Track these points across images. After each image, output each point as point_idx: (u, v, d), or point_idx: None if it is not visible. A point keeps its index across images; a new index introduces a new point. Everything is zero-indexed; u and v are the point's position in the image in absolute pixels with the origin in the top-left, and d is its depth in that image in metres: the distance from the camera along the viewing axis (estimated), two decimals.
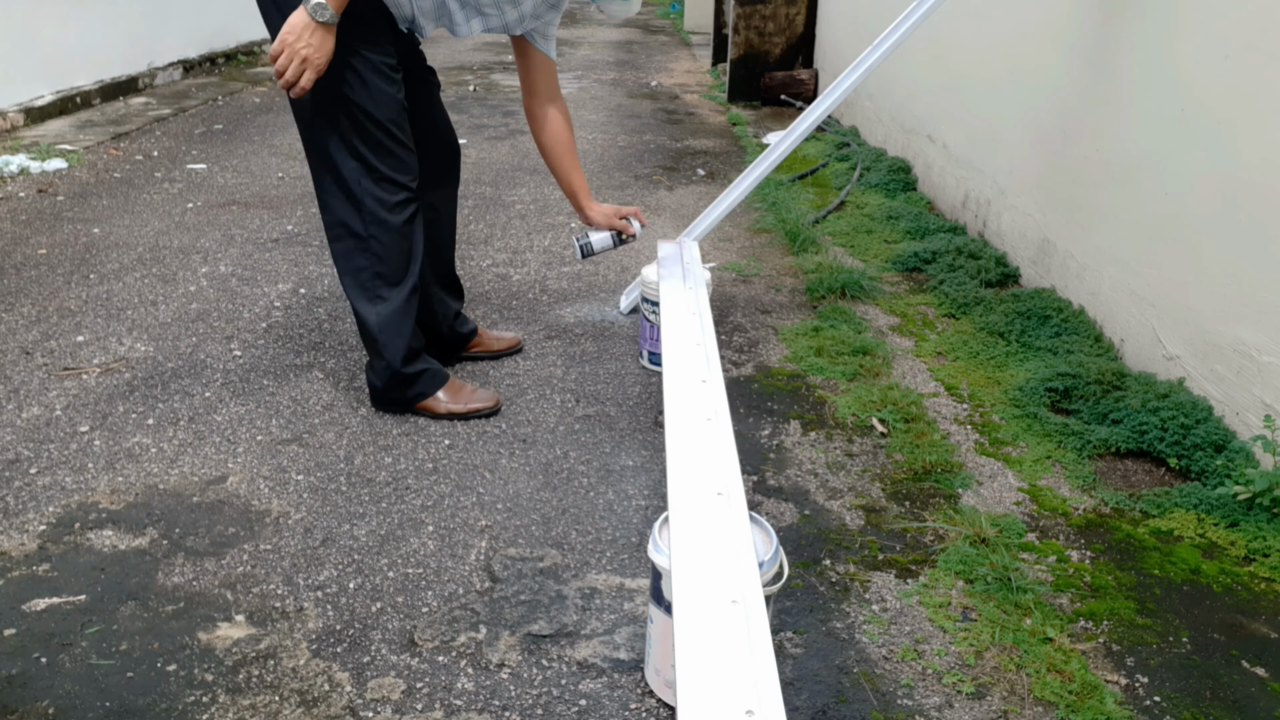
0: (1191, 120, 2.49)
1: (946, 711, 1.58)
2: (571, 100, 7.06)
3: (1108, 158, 2.91)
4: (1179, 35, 2.57)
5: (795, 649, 1.71)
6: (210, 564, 1.90)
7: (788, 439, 2.44)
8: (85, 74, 6.31)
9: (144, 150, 5.27)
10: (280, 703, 1.56)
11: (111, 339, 2.90)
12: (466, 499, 2.14)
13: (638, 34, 11.81)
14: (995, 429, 2.50)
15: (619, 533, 2.04)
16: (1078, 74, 3.10)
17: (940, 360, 2.92)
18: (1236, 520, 2.06)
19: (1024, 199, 3.48)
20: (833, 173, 5.04)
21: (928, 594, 1.86)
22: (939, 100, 4.47)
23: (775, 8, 7.01)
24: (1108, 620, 1.80)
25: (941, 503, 2.17)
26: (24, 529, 1.99)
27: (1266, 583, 1.91)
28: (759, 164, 3.12)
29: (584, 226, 2.81)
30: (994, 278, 3.42)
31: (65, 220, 4.01)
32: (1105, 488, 2.24)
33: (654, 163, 5.28)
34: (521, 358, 2.86)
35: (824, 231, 4.09)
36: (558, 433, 2.45)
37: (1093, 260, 2.97)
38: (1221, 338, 2.35)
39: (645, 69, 8.84)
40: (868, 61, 3.04)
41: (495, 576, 1.89)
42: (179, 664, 1.64)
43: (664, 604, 1.47)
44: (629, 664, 1.66)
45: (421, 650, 1.68)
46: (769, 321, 3.18)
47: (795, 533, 2.05)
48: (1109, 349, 2.82)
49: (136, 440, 2.34)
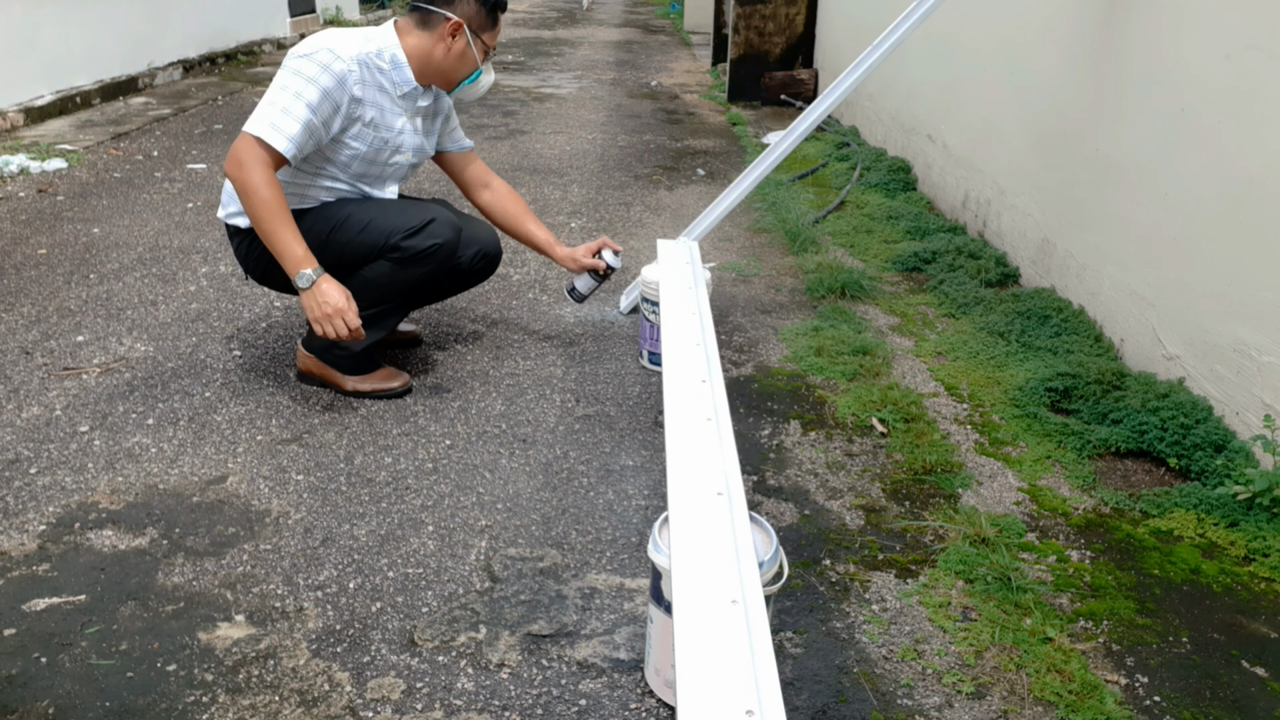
0: (1191, 120, 2.49)
1: (946, 711, 1.58)
2: (571, 100, 7.07)
3: (1108, 158, 2.90)
4: (1179, 35, 2.57)
5: (795, 649, 1.71)
6: (210, 564, 1.90)
7: (788, 439, 2.44)
8: (85, 74, 6.31)
9: (144, 150, 5.27)
10: (280, 703, 1.56)
11: (111, 339, 2.90)
12: (466, 499, 2.14)
13: (638, 34, 11.81)
14: (995, 429, 2.50)
15: (619, 533, 2.04)
16: (1078, 74, 3.10)
17: (940, 360, 2.92)
18: (1236, 520, 2.06)
19: (1024, 199, 3.48)
20: (833, 173, 5.04)
21: (928, 594, 1.86)
22: (939, 100, 4.47)
23: (775, 8, 7.01)
24: (1108, 620, 1.80)
25: (941, 503, 2.17)
26: (24, 529, 1.99)
27: (1266, 583, 1.91)
28: (759, 164, 3.12)
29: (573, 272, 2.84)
30: (994, 278, 3.42)
31: (65, 220, 4.01)
32: (1105, 488, 2.24)
33: (654, 163, 5.28)
34: (521, 357, 2.86)
35: (824, 231, 4.09)
36: (558, 433, 2.45)
37: (1093, 260, 2.97)
38: (1221, 338, 2.35)
39: (645, 69, 8.84)
40: (868, 61, 3.04)
41: (495, 576, 1.89)
42: (179, 664, 1.64)
43: (664, 604, 1.47)
44: (629, 664, 1.66)
45: (421, 650, 1.68)
46: (769, 321, 3.18)
47: (795, 533, 2.05)
48: (1109, 349, 2.82)
49: (136, 440, 2.34)
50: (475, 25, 2.43)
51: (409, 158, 2.55)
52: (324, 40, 2.33)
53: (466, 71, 2.50)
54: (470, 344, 2.95)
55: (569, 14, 14.00)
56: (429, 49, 2.42)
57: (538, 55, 9.48)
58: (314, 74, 2.27)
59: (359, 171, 2.48)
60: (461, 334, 3.02)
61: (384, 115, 2.43)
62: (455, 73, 2.49)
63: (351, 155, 2.43)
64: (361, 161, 2.46)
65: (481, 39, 2.46)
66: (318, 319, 2.24)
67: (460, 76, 2.50)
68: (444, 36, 2.40)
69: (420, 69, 2.44)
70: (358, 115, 2.38)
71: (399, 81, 2.42)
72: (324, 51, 2.30)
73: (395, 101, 2.44)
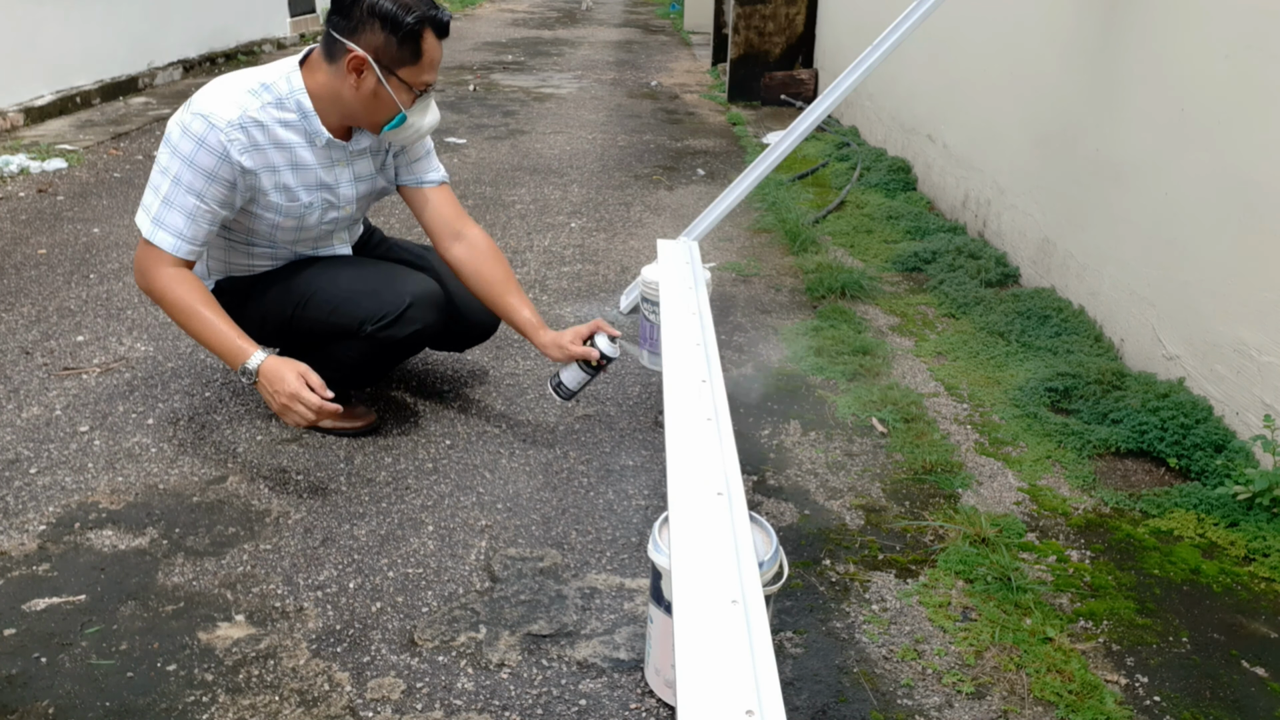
0: (1191, 120, 2.49)
1: (946, 711, 1.58)
2: (572, 100, 7.07)
3: (1108, 158, 2.90)
4: (1179, 35, 2.57)
5: (795, 649, 1.71)
6: (210, 564, 1.90)
7: (788, 439, 2.44)
8: (85, 74, 6.30)
9: (144, 150, 5.27)
10: (280, 703, 1.56)
11: (111, 339, 2.90)
12: (466, 499, 2.14)
13: (638, 34, 11.81)
14: (995, 429, 2.50)
15: (619, 532, 2.04)
16: (1078, 74, 3.10)
17: (940, 360, 2.92)
18: (1236, 520, 2.06)
19: (1024, 199, 3.48)
20: (833, 173, 5.04)
21: (928, 594, 1.86)
22: (939, 100, 4.46)
23: (775, 8, 7.01)
24: (1108, 620, 1.80)
25: (941, 502, 2.17)
26: (24, 529, 1.99)
27: (1266, 583, 1.91)
28: (759, 164, 3.12)
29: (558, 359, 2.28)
30: (994, 277, 3.42)
31: (65, 220, 4.01)
32: (1105, 488, 2.24)
33: (654, 162, 5.28)
34: (521, 357, 2.86)
35: (824, 231, 4.09)
36: (558, 433, 2.45)
37: (1093, 260, 2.97)
38: (1221, 338, 2.35)
39: (645, 69, 8.84)
40: (868, 61, 3.04)
41: (495, 576, 1.89)
42: (179, 664, 1.64)
43: (664, 604, 1.47)
44: (629, 664, 1.66)
45: (421, 650, 1.68)
46: (769, 321, 3.18)
47: (795, 533, 2.05)
48: (1109, 349, 2.82)
49: (136, 440, 2.34)
50: (386, 59, 1.96)
51: (352, 210, 2.21)
52: (205, 102, 1.96)
53: (385, 115, 2.04)
54: None
55: (569, 14, 13.99)
56: (337, 88, 2.00)
57: (538, 55, 9.48)
58: (189, 151, 1.94)
59: (291, 239, 2.18)
60: None
61: (301, 175, 2.07)
62: (374, 115, 2.04)
63: (271, 225, 2.12)
64: (287, 231, 2.14)
65: (398, 75, 1.97)
66: (277, 411, 1.98)
67: (380, 120, 2.05)
68: (347, 73, 1.97)
69: (336, 112, 2.04)
70: (254, 185, 2.03)
71: (313, 132, 2.05)
72: (197, 120, 1.94)
73: (318, 153, 2.08)
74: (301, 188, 2.09)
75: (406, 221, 4.05)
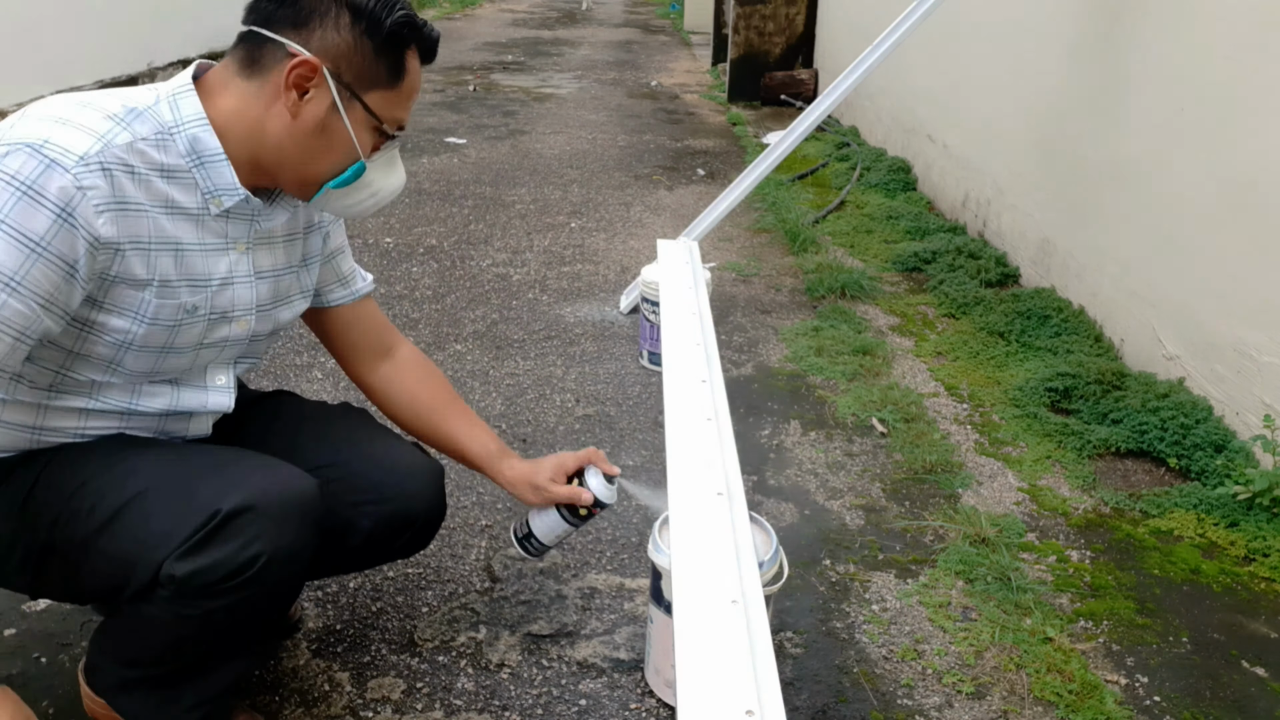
0: (1191, 120, 2.49)
1: (946, 711, 1.58)
2: (572, 100, 7.07)
3: (1108, 158, 2.90)
4: (1179, 35, 2.57)
5: (795, 649, 1.71)
6: None
7: (788, 439, 2.44)
8: (85, 74, 6.30)
9: None
10: (280, 703, 1.56)
11: None
12: (466, 499, 2.14)
13: (638, 34, 11.82)
14: (995, 429, 2.50)
15: (619, 533, 2.04)
16: (1078, 74, 3.10)
17: (940, 360, 2.92)
18: (1236, 520, 2.06)
19: (1024, 199, 3.48)
20: (833, 173, 5.04)
21: (928, 594, 1.86)
22: (939, 100, 4.47)
23: (775, 8, 7.01)
24: (1108, 620, 1.80)
25: (941, 503, 2.17)
26: None
27: (1266, 583, 1.91)
28: (759, 164, 3.12)
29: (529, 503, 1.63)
30: (994, 278, 3.42)
31: None
32: (1105, 488, 2.24)
33: (654, 163, 5.28)
34: (521, 357, 2.86)
35: (824, 231, 4.10)
36: (558, 433, 2.44)
37: (1093, 260, 2.97)
38: (1221, 338, 2.35)
39: (645, 69, 8.84)
40: (868, 61, 3.04)
41: (495, 576, 1.89)
42: None
43: (664, 604, 1.47)
44: (629, 664, 1.66)
45: (421, 650, 1.68)
46: (769, 321, 3.18)
47: (795, 533, 2.05)
48: (1109, 349, 2.82)
49: None
50: (351, 72, 1.22)
51: (251, 325, 1.34)
52: (35, 127, 1.12)
53: (331, 164, 1.25)
54: (470, 344, 2.95)
55: (569, 14, 13.99)
56: (257, 117, 1.22)
57: (538, 55, 9.48)
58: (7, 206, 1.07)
59: (145, 368, 1.26)
60: (461, 334, 3.02)
61: (185, 259, 1.23)
62: (312, 163, 1.25)
63: (118, 345, 1.21)
64: (143, 355, 1.24)
65: (363, 101, 1.23)
66: None
67: (321, 171, 1.26)
68: (281, 88, 1.20)
69: (253, 154, 1.24)
70: (116, 273, 1.17)
71: (212, 189, 1.23)
72: (22, 155, 1.08)
73: (207, 227, 1.24)
74: (184, 282, 1.23)
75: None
